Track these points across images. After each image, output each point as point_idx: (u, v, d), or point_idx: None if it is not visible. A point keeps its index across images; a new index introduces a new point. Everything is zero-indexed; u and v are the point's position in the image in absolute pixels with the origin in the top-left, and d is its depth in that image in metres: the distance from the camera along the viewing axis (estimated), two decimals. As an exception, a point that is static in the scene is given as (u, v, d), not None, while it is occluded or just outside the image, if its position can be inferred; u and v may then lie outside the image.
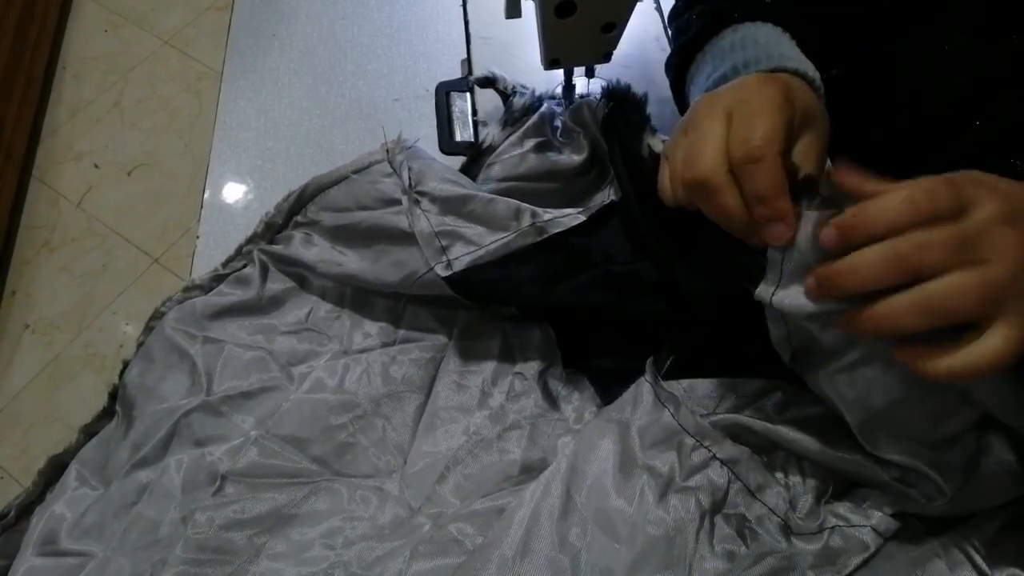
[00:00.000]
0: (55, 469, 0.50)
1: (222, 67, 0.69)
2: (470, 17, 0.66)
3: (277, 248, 0.55)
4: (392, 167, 0.52)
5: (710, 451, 0.41)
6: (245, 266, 0.55)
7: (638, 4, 0.51)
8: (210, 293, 0.54)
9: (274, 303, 0.53)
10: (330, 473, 0.46)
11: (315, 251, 0.53)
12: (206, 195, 0.63)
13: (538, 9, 0.49)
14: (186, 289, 0.54)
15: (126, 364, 0.52)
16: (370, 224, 0.52)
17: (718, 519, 0.40)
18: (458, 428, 0.48)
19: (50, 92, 1.63)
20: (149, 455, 0.47)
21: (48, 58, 1.62)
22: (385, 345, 0.52)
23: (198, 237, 0.59)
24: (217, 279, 0.54)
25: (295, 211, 0.55)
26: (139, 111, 1.61)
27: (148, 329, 0.53)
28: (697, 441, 0.41)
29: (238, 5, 0.73)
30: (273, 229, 0.56)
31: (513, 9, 0.54)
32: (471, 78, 0.62)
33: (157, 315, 0.53)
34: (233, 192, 0.63)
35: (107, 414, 0.52)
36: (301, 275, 0.55)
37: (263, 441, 0.46)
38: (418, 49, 0.69)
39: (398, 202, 0.51)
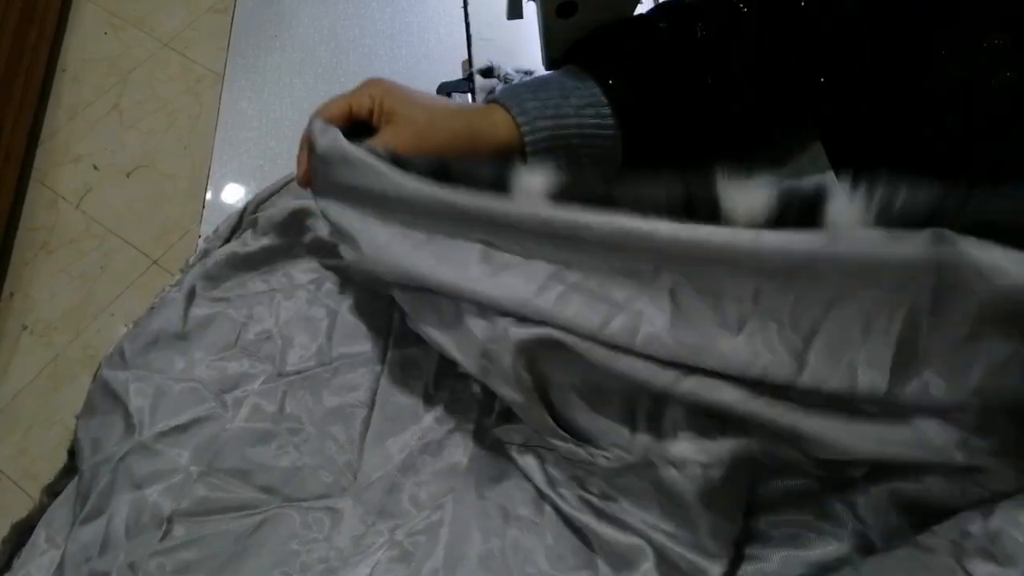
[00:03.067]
0: (20, 534, 0.48)
1: (224, 68, 0.69)
2: (471, 19, 0.66)
3: (209, 264, 0.54)
4: None
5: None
6: (171, 291, 0.53)
7: (638, 4, 0.51)
8: (138, 326, 0.52)
9: (199, 328, 0.51)
10: (279, 500, 0.45)
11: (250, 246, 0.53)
12: (208, 196, 0.63)
13: (539, 9, 0.49)
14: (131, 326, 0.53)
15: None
16: (304, 205, 0.53)
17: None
18: (406, 437, 0.47)
19: (49, 94, 1.63)
20: (92, 509, 0.45)
21: (47, 60, 1.62)
22: (322, 364, 0.50)
23: (199, 237, 0.60)
24: (150, 309, 0.53)
25: (235, 229, 0.56)
26: (138, 113, 1.61)
27: (94, 378, 0.52)
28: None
29: (240, 6, 0.73)
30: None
31: (514, 10, 0.54)
32: (474, 70, 0.62)
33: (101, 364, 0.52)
34: (234, 192, 0.63)
35: (68, 471, 0.51)
36: (227, 297, 0.53)
37: (207, 478, 0.45)
38: (419, 50, 0.69)
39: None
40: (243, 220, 0.56)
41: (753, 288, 0.32)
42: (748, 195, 0.31)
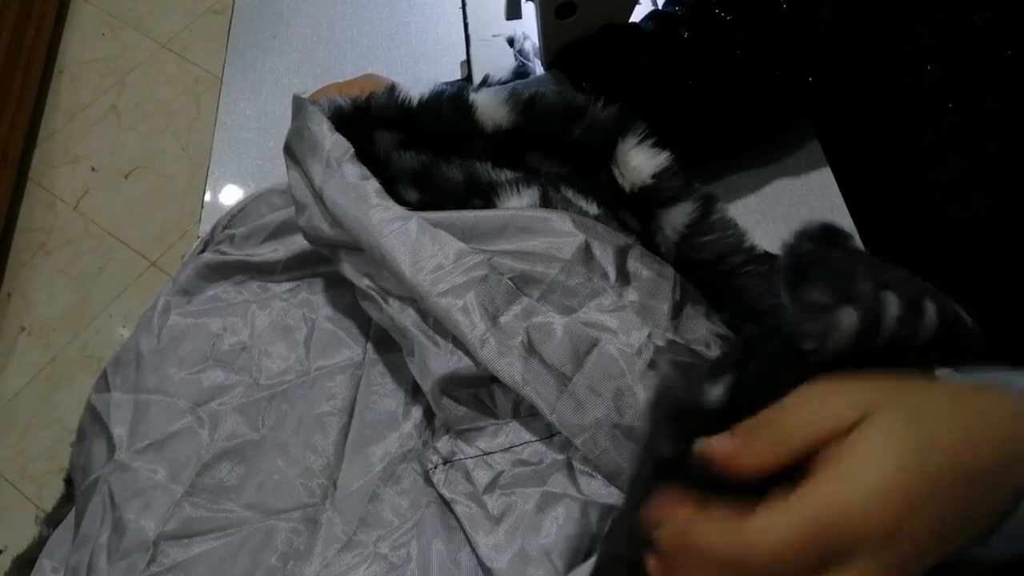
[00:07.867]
0: (21, 568, 0.48)
1: (223, 68, 0.69)
2: (470, 19, 0.66)
3: (182, 277, 0.54)
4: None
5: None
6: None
7: (637, 5, 0.52)
8: (120, 349, 0.52)
9: (173, 342, 0.51)
10: (261, 515, 0.45)
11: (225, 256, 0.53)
12: (206, 196, 0.63)
13: (538, 10, 0.49)
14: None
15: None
16: (282, 220, 0.53)
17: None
18: (385, 444, 0.47)
19: (47, 95, 1.63)
20: (81, 535, 0.45)
21: (45, 61, 1.62)
22: (300, 373, 0.50)
23: (199, 237, 0.60)
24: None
25: (209, 241, 0.56)
26: (136, 114, 1.61)
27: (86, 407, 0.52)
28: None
29: (238, 7, 0.73)
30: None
31: (513, 10, 0.54)
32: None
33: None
34: (233, 193, 0.63)
35: (67, 499, 0.50)
36: (201, 310, 0.53)
37: (191, 498, 0.45)
38: (418, 50, 0.69)
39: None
40: (215, 233, 0.56)
41: None
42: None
